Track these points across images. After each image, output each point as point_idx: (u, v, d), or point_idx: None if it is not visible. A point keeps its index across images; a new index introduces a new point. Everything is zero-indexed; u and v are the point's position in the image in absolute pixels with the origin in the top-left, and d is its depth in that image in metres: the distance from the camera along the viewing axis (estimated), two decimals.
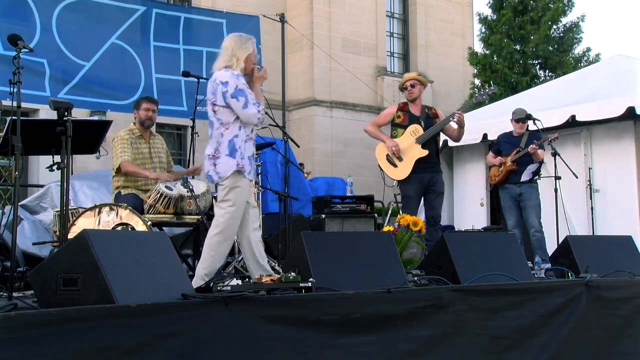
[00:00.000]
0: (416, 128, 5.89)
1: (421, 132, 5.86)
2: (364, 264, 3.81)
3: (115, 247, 3.02)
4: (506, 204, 6.96)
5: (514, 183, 6.86)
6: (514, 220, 6.90)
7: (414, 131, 5.88)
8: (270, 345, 3.09)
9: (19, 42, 3.82)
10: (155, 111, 5.72)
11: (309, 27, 16.35)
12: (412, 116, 5.97)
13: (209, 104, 4.37)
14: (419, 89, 6.04)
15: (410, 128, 5.89)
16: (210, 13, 9.69)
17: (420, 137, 5.84)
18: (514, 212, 6.89)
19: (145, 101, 5.72)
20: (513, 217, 6.91)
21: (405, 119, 5.97)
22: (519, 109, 7.07)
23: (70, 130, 3.86)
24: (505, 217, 7.07)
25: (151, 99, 5.87)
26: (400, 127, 5.96)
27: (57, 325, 2.53)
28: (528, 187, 6.78)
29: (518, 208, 6.87)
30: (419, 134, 5.85)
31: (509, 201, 6.91)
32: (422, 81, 6.13)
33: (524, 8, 16.52)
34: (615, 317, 4.45)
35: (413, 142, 5.83)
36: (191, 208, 5.28)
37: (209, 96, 4.39)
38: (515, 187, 6.85)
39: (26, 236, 5.91)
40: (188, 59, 8.25)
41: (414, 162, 5.78)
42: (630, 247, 5.17)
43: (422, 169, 5.82)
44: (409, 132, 5.88)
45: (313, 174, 12.77)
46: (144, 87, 7.92)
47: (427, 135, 5.85)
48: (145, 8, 8.09)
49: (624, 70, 8.82)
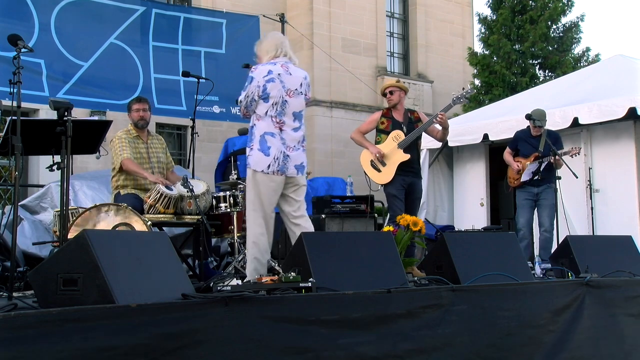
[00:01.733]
0: (398, 134, 6.09)
1: (403, 137, 6.05)
2: (364, 264, 3.81)
3: (115, 247, 3.02)
4: (521, 202, 7.00)
5: (533, 184, 6.89)
6: (525, 219, 6.93)
7: (396, 137, 6.07)
8: (270, 345, 3.09)
9: (19, 42, 3.82)
10: (147, 110, 5.67)
11: (309, 27, 16.35)
12: (395, 122, 6.17)
13: (304, 99, 4.56)
14: (399, 94, 6.20)
15: (392, 134, 6.09)
16: (210, 13, 9.70)
17: (401, 142, 6.03)
18: (526, 211, 6.94)
19: (134, 102, 5.70)
20: (525, 215, 6.94)
21: (389, 125, 6.17)
22: (538, 110, 7.02)
23: (70, 130, 3.87)
24: (517, 214, 7.10)
25: (140, 98, 5.83)
26: (384, 133, 6.15)
27: (57, 325, 2.53)
28: (547, 187, 6.80)
29: (532, 208, 6.92)
30: (400, 139, 6.04)
31: (525, 200, 6.96)
32: (402, 87, 6.30)
33: (523, 8, 16.52)
34: (615, 317, 4.45)
35: (395, 147, 6.03)
36: (191, 208, 5.28)
37: (304, 91, 4.56)
38: (533, 188, 6.89)
39: (26, 236, 5.91)
40: (186, 59, 8.27)
41: (396, 166, 5.99)
42: (630, 247, 5.17)
43: (404, 171, 6.03)
44: (391, 137, 6.08)
45: (313, 174, 12.74)
46: (142, 87, 7.93)
47: (408, 139, 6.03)
48: (144, 8, 8.11)
49: (624, 71, 8.82)
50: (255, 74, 4.41)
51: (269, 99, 4.37)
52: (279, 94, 4.39)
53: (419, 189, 6.21)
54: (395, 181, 5.99)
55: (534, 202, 6.92)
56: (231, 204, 5.49)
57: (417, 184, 6.17)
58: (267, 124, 4.37)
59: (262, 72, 4.40)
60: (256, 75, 4.40)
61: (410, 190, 6.08)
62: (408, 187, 6.06)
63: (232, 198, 5.52)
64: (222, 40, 8.58)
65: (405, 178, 6.04)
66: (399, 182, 6.00)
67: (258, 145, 4.35)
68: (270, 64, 4.44)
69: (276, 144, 4.36)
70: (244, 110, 4.46)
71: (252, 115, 4.45)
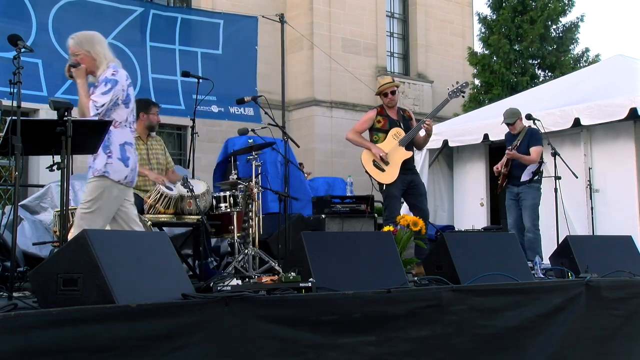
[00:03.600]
0: (398, 131, 6.08)
1: (402, 135, 6.04)
2: (364, 264, 3.81)
3: (115, 247, 3.02)
4: (506, 203, 7.06)
5: (513, 183, 6.92)
6: (512, 219, 6.98)
7: (396, 134, 6.06)
8: (270, 345, 3.09)
9: (19, 42, 3.82)
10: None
11: (308, 27, 16.34)
12: (392, 120, 6.15)
13: None
14: (397, 94, 6.24)
15: (392, 132, 6.07)
16: (207, 14, 9.71)
17: (402, 139, 6.03)
18: (512, 211, 6.97)
19: (154, 106, 5.74)
20: (512, 216, 6.98)
21: (386, 123, 6.15)
22: (507, 110, 7.12)
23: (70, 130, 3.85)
24: (507, 216, 7.13)
25: (155, 102, 5.90)
26: (381, 132, 6.13)
27: (57, 325, 2.53)
28: (526, 187, 6.81)
29: (517, 208, 6.92)
30: (400, 137, 6.03)
31: (509, 200, 7.01)
32: (399, 86, 6.35)
33: (524, 8, 16.52)
34: (615, 317, 4.45)
35: (396, 145, 6.02)
36: (191, 208, 5.28)
37: None
38: (514, 187, 6.91)
39: (26, 236, 5.91)
40: (184, 60, 8.28)
41: (400, 164, 5.98)
42: (630, 247, 5.17)
43: (404, 170, 6.02)
44: (391, 135, 6.07)
45: (313, 174, 12.76)
46: (140, 87, 7.94)
47: (408, 137, 6.04)
48: (142, 9, 8.12)
49: (624, 71, 8.82)
50: (118, 77, 4.20)
51: (129, 104, 4.26)
52: (134, 100, 4.32)
53: (422, 184, 6.19)
54: (397, 181, 5.97)
55: (516, 202, 6.93)
56: (231, 204, 5.49)
57: (419, 181, 6.16)
58: (125, 132, 4.24)
59: (123, 75, 4.25)
60: (119, 78, 4.20)
61: (412, 188, 6.07)
62: (408, 185, 6.05)
63: (232, 198, 5.52)
64: (219, 41, 8.59)
65: (405, 177, 6.03)
66: (400, 182, 5.99)
67: (119, 154, 4.18)
68: (120, 68, 4.30)
69: (133, 154, 4.26)
70: (100, 116, 4.18)
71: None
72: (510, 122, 6.97)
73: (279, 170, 7.72)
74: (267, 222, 6.34)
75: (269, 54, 12.61)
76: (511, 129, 7.01)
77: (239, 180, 5.71)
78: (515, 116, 6.97)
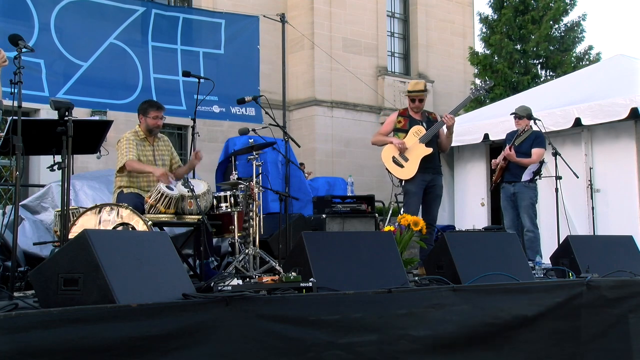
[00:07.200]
0: (418, 129, 6.07)
1: (423, 132, 6.03)
2: (364, 263, 3.81)
3: (116, 247, 3.02)
4: (503, 203, 7.03)
5: (508, 182, 6.90)
6: (509, 219, 6.96)
7: (417, 132, 6.06)
8: (270, 345, 3.09)
9: (19, 42, 3.82)
10: (163, 118, 5.66)
11: (309, 27, 16.34)
12: (413, 120, 6.16)
13: None
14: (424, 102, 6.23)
15: (413, 129, 6.07)
16: (209, 14, 9.72)
17: (423, 136, 6.01)
18: (509, 211, 6.95)
19: (154, 109, 5.59)
20: (509, 215, 6.97)
21: (406, 123, 6.16)
22: (520, 106, 7.11)
23: (71, 130, 3.86)
24: (504, 216, 7.12)
25: (159, 105, 5.72)
26: (401, 132, 6.14)
27: (57, 325, 2.53)
28: (522, 187, 6.78)
29: (513, 208, 6.89)
30: (421, 134, 6.02)
31: (505, 200, 6.98)
32: (428, 92, 6.38)
33: (525, 8, 16.51)
34: (616, 316, 4.44)
35: (416, 142, 6.01)
36: (192, 208, 5.28)
37: None
38: (509, 187, 6.88)
39: (27, 236, 5.90)
40: (185, 60, 8.29)
41: (419, 160, 5.96)
42: (631, 247, 5.16)
43: (425, 168, 6.01)
44: (411, 133, 6.06)
45: (314, 173, 12.76)
46: (142, 87, 7.95)
47: (429, 133, 6.02)
48: (144, 9, 8.12)
49: (625, 71, 8.82)
50: None
51: None
52: None
53: (440, 185, 6.20)
54: (416, 178, 5.98)
55: (512, 203, 6.90)
56: (232, 204, 5.48)
57: (438, 181, 6.16)
58: None
59: None
60: None
61: (431, 187, 6.08)
62: (428, 184, 6.05)
63: (232, 198, 5.51)
64: (221, 40, 8.60)
65: (426, 175, 6.03)
66: (419, 179, 5.99)
67: None
68: None
69: None
70: None
71: None
72: (519, 116, 6.94)
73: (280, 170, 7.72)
74: (268, 222, 6.34)
75: (270, 53, 12.61)
76: (516, 123, 7.00)
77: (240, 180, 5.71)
78: (526, 112, 6.97)
